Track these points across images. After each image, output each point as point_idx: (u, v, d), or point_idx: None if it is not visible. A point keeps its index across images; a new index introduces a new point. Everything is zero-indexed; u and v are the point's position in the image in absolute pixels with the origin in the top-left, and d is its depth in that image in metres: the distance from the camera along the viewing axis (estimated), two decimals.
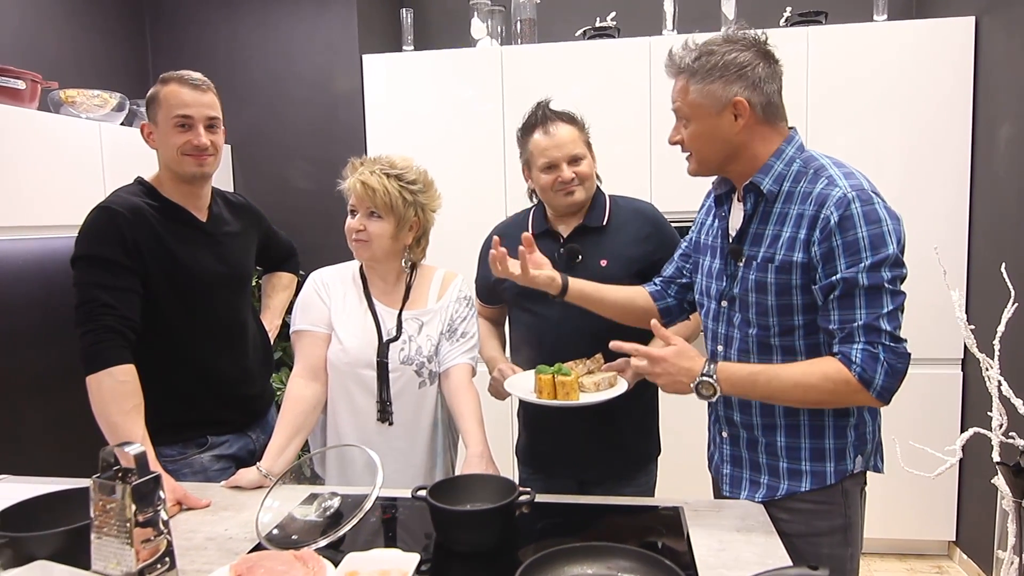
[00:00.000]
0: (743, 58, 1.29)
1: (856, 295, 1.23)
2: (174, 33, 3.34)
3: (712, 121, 1.32)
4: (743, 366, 1.34)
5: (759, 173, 1.34)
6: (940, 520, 2.98)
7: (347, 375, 1.65)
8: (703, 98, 1.31)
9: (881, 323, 1.23)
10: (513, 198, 2.98)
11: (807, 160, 1.34)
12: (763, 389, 1.31)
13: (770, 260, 1.33)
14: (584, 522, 1.43)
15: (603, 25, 3.16)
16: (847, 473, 1.38)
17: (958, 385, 2.92)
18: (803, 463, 1.38)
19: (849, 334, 1.24)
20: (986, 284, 2.74)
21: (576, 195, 1.73)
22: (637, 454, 1.83)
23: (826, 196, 1.26)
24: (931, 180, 2.87)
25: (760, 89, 1.30)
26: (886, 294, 1.23)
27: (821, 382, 1.25)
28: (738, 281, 1.39)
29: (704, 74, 1.30)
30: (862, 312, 1.23)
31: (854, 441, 1.38)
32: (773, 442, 1.40)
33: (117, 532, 1.12)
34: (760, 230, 1.36)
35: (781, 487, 1.40)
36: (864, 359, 1.22)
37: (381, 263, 1.69)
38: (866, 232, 1.23)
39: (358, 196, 1.61)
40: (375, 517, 1.42)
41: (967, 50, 2.80)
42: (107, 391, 1.49)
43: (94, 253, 1.57)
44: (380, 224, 1.62)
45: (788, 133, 1.37)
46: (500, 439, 1.93)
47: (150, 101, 1.67)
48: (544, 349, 1.70)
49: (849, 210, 1.24)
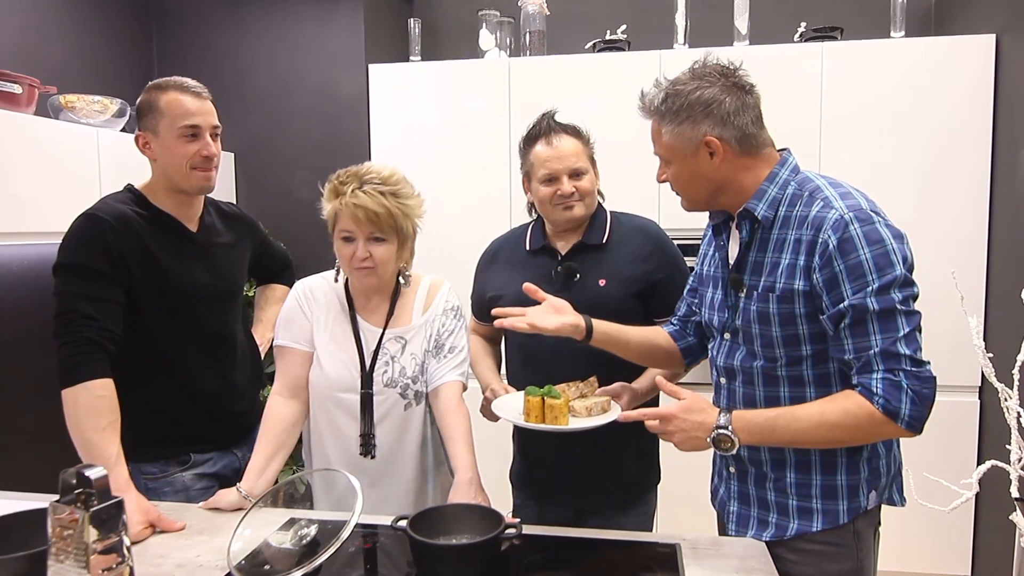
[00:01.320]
0: (708, 95, 1.25)
1: (868, 321, 1.16)
2: (180, 40, 3.33)
3: (689, 162, 1.29)
4: (759, 413, 1.26)
5: (752, 199, 1.29)
6: (955, 554, 2.87)
7: (329, 399, 1.59)
8: (675, 140, 1.28)
9: (899, 347, 1.15)
10: (518, 211, 2.92)
11: (802, 182, 1.28)
12: (783, 434, 1.22)
13: (771, 289, 1.26)
14: (575, 557, 1.35)
15: (613, 38, 3.11)
16: (860, 510, 1.30)
17: (975, 414, 2.82)
18: (814, 500, 1.30)
19: (867, 363, 1.17)
20: (1005, 311, 2.64)
21: (575, 211, 1.66)
22: (636, 483, 1.75)
23: (822, 219, 1.20)
24: (949, 202, 2.79)
25: (730, 123, 1.25)
26: (900, 316, 1.16)
27: (843, 419, 1.17)
28: (740, 312, 1.33)
29: (672, 116, 1.27)
30: (877, 338, 1.16)
31: (867, 476, 1.30)
32: (782, 478, 1.33)
33: (75, 559, 1.06)
34: (759, 258, 1.30)
35: (791, 527, 1.32)
36: (886, 388, 1.15)
37: (383, 284, 1.61)
38: (869, 254, 1.16)
39: (358, 221, 1.47)
40: (354, 547, 1.35)
41: (987, 69, 2.72)
42: (83, 406, 1.44)
43: (76, 262, 1.52)
44: (385, 248, 1.51)
45: (779, 157, 1.31)
46: (496, 463, 1.86)
47: (146, 109, 1.62)
48: (540, 369, 1.64)
49: (848, 232, 1.17)
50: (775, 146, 1.33)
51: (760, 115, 1.29)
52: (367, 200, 1.47)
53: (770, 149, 1.31)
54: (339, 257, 1.56)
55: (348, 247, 1.52)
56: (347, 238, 1.51)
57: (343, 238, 1.52)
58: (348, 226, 1.50)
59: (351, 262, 1.52)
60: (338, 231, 1.53)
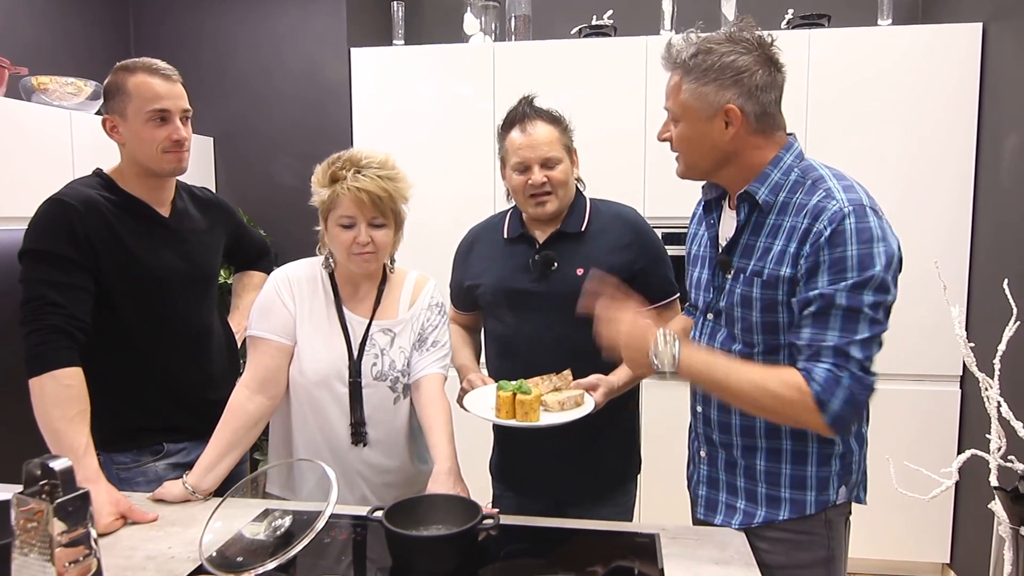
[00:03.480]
0: (742, 62, 1.20)
1: (832, 314, 1.15)
2: (157, 20, 3.25)
3: (701, 125, 1.24)
4: (705, 351, 1.26)
5: (755, 182, 1.26)
6: (934, 542, 2.89)
7: (315, 393, 1.54)
8: (694, 100, 1.23)
9: (852, 349, 1.14)
10: (502, 198, 2.89)
11: (805, 170, 1.25)
12: (718, 377, 1.21)
13: (758, 274, 1.25)
14: (553, 547, 1.34)
15: (599, 23, 3.08)
16: (829, 504, 1.30)
17: (956, 403, 2.84)
18: (782, 490, 1.30)
19: (816, 352, 1.16)
20: (987, 300, 2.65)
21: (548, 206, 1.62)
22: (615, 474, 1.74)
23: (822, 209, 1.18)
24: (933, 191, 2.79)
25: (756, 98, 1.21)
26: (864, 319, 1.14)
27: (778, 387, 1.16)
28: (725, 294, 1.31)
29: (699, 74, 1.22)
30: (835, 333, 1.14)
31: (839, 471, 1.30)
32: (752, 465, 1.33)
33: (40, 552, 1.03)
34: (751, 241, 1.28)
35: (758, 514, 1.32)
36: (826, 379, 1.13)
37: (377, 271, 1.58)
38: (856, 250, 1.14)
39: (361, 205, 1.44)
40: (330, 538, 1.33)
41: (973, 57, 2.71)
42: (50, 395, 1.40)
43: (42, 248, 1.48)
44: (385, 232, 1.49)
45: (786, 141, 1.28)
46: (476, 453, 1.84)
47: (114, 91, 1.57)
48: (518, 360, 1.61)
49: (842, 225, 1.15)
50: (786, 131, 1.30)
51: (781, 96, 1.26)
52: (369, 184, 1.44)
53: (781, 133, 1.28)
54: (335, 244, 1.51)
55: (348, 233, 1.47)
56: (347, 224, 1.47)
57: (342, 224, 1.48)
58: (350, 211, 1.46)
59: (351, 248, 1.48)
60: (337, 217, 1.48)
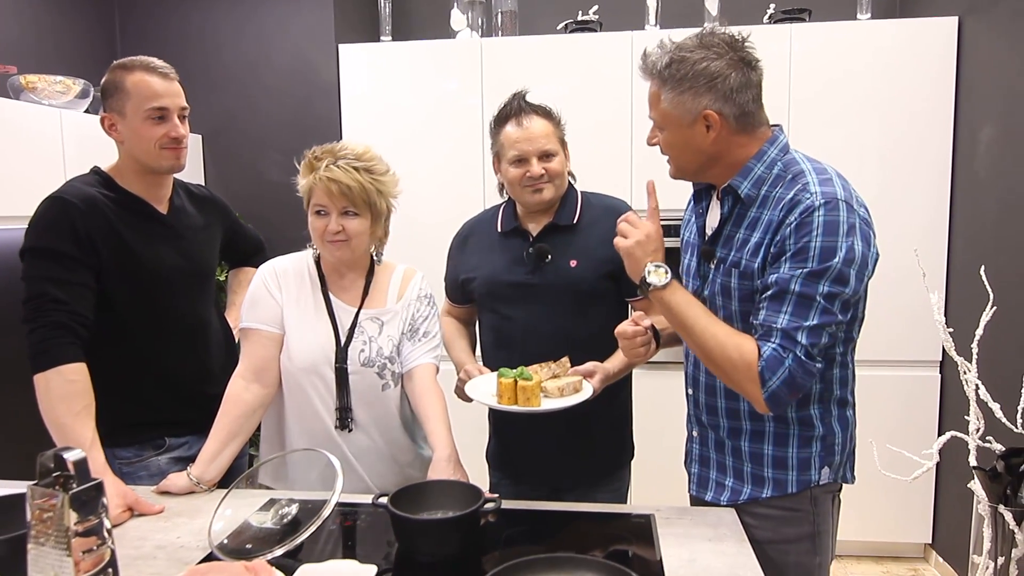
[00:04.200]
0: (714, 67, 1.23)
1: (785, 299, 1.20)
2: (144, 17, 3.24)
3: (683, 132, 1.28)
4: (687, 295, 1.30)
5: (738, 176, 1.30)
6: (916, 522, 2.97)
7: (303, 379, 1.57)
8: (673, 108, 1.27)
9: (799, 335, 1.18)
10: (492, 192, 2.90)
11: (788, 164, 1.29)
12: (688, 317, 1.26)
13: (736, 265, 1.30)
14: (553, 530, 1.38)
15: (585, 19, 3.12)
16: (811, 484, 1.35)
17: (936, 387, 2.92)
18: (765, 469, 1.36)
19: (768, 331, 1.21)
20: (965, 287, 2.73)
21: (544, 193, 1.67)
22: (609, 459, 1.78)
23: (796, 202, 1.22)
24: (911, 181, 2.86)
25: (732, 100, 1.24)
26: (815, 308, 1.18)
27: (732, 351, 1.22)
28: (708, 283, 1.37)
29: (674, 84, 1.25)
30: (786, 316, 1.19)
31: (820, 452, 1.35)
32: (738, 446, 1.38)
33: (55, 542, 1.06)
34: (733, 232, 1.32)
35: (744, 491, 1.38)
36: (770, 358, 1.19)
37: (357, 260, 1.62)
38: (820, 241, 1.19)
39: (331, 195, 1.49)
40: (335, 525, 1.37)
41: (950, 50, 2.78)
42: (55, 391, 1.42)
43: (44, 245, 1.50)
44: (358, 221, 1.53)
45: (770, 134, 1.32)
46: (471, 442, 1.87)
47: (112, 90, 1.59)
48: (514, 351, 1.65)
49: (811, 216, 1.19)
50: (769, 124, 1.33)
51: (760, 93, 1.29)
52: (340, 174, 1.49)
53: (764, 128, 1.31)
54: (312, 231, 1.56)
55: (321, 220, 1.53)
56: (320, 212, 1.53)
57: (316, 212, 1.54)
58: (322, 200, 1.51)
59: (324, 235, 1.54)
60: (312, 205, 1.54)
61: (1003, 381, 1.40)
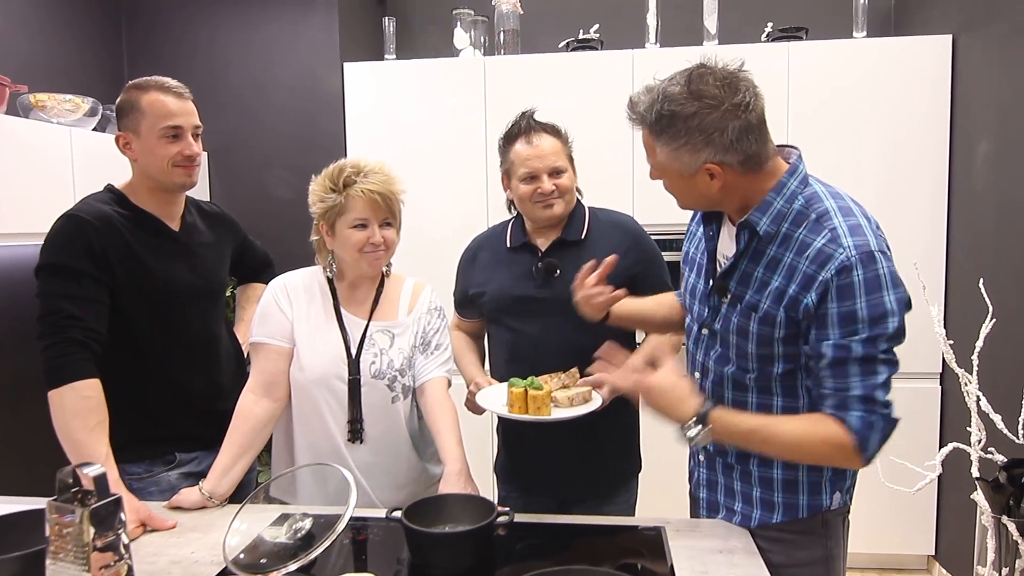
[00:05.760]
0: (709, 122, 1.14)
1: (849, 363, 1.17)
2: (151, 37, 3.28)
3: (685, 181, 1.23)
4: (742, 420, 1.24)
5: (756, 211, 1.23)
6: (920, 534, 2.98)
7: (314, 391, 1.58)
8: (671, 161, 1.20)
9: (877, 394, 1.17)
10: (495, 208, 2.96)
11: (810, 199, 1.22)
12: (757, 446, 1.26)
13: (754, 308, 1.25)
14: (564, 542, 1.40)
15: (586, 37, 3.16)
16: (823, 508, 1.33)
17: (937, 399, 2.93)
18: (775, 494, 1.34)
19: (844, 402, 1.18)
20: (964, 299, 2.75)
21: (555, 208, 1.70)
22: (617, 472, 1.80)
23: (828, 257, 1.16)
24: (909, 196, 2.89)
25: (733, 150, 1.16)
26: (880, 363, 1.17)
27: (820, 446, 1.19)
28: (720, 317, 1.33)
29: (668, 139, 1.18)
30: (856, 381, 1.17)
31: (831, 477, 1.33)
32: (747, 470, 1.37)
33: (74, 557, 1.07)
34: (749, 269, 1.26)
35: (754, 516, 1.36)
36: (862, 427, 1.17)
37: None
38: (865, 303, 1.15)
39: (375, 207, 1.54)
40: (348, 539, 1.38)
41: (944, 67, 2.83)
42: (70, 407, 1.44)
43: (59, 262, 1.51)
44: (392, 231, 1.60)
45: (788, 165, 1.25)
46: (480, 455, 1.89)
47: (127, 109, 1.61)
48: (524, 364, 1.66)
49: (850, 277, 1.14)
50: (777, 153, 1.26)
51: (763, 124, 1.19)
52: (378, 186, 1.54)
53: (774, 160, 1.24)
54: (346, 246, 1.57)
55: (361, 233, 1.55)
56: (361, 225, 1.55)
57: (355, 226, 1.55)
58: (363, 213, 1.54)
59: (364, 247, 1.56)
60: (349, 220, 1.55)
61: (1004, 392, 1.42)
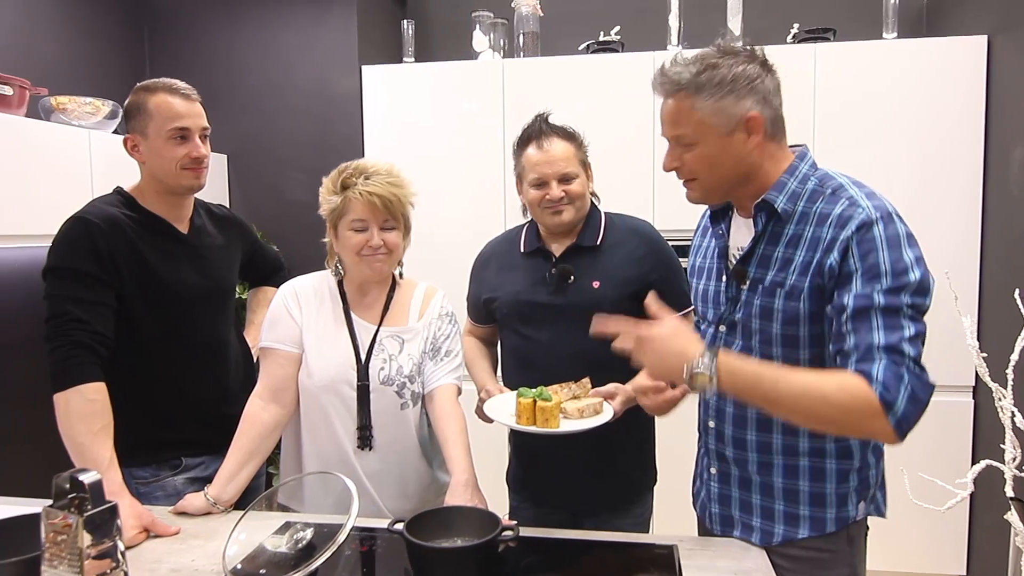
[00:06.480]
0: (751, 70, 1.19)
1: (872, 315, 1.10)
2: (172, 40, 3.31)
3: (722, 141, 1.21)
4: (749, 361, 1.16)
5: (772, 190, 1.24)
6: (950, 554, 2.87)
7: (322, 397, 1.56)
8: (713, 116, 1.20)
9: (904, 346, 1.07)
10: (512, 212, 2.91)
11: (823, 179, 1.24)
12: (766, 391, 1.11)
13: (780, 285, 1.22)
14: (573, 559, 1.35)
15: (607, 39, 3.12)
16: (849, 520, 1.28)
17: (969, 413, 2.83)
18: (801, 507, 1.28)
19: (868, 352, 1.08)
20: (999, 310, 2.65)
21: (564, 215, 1.65)
22: (632, 485, 1.74)
23: (848, 217, 1.16)
24: (942, 202, 2.80)
25: (770, 103, 1.21)
26: (905, 318, 1.09)
27: (836, 393, 1.07)
28: (741, 305, 1.29)
29: (713, 89, 1.19)
30: (880, 333, 1.08)
31: (857, 486, 1.28)
32: (769, 483, 1.30)
33: (69, 565, 1.05)
34: (769, 251, 1.25)
35: (777, 532, 1.30)
36: (887, 377, 1.05)
37: (387, 275, 1.63)
38: (887, 255, 1.12)
39: (373, 209, 1.50)
40: (351, 550, 1.35)
41: (979, 69, 2.73)
42: (75, 410, 1.43)
43: (66, 265, 1.51)
44: (395, 234, 1.55)
45: (798, 150, 1.28)
46: (492, 464, 1.85)
47: (135, 111, 1.61)
48: (536, 372, 1.62)
49: (871, 232, 1.13)
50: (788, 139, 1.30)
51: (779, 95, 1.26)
52: (379, 188, 1.51)
53: (786, 141, 1.28)
54: (346, 248, 1.55)
55: (360, 236, 1.53)
56: (360, 227, 1.52)
57: (354, 228, 1.52)
58: (362, 215, 1.51)
59: (363, 250, 1.53)
60: (348, 222, 1.53)
61: None
